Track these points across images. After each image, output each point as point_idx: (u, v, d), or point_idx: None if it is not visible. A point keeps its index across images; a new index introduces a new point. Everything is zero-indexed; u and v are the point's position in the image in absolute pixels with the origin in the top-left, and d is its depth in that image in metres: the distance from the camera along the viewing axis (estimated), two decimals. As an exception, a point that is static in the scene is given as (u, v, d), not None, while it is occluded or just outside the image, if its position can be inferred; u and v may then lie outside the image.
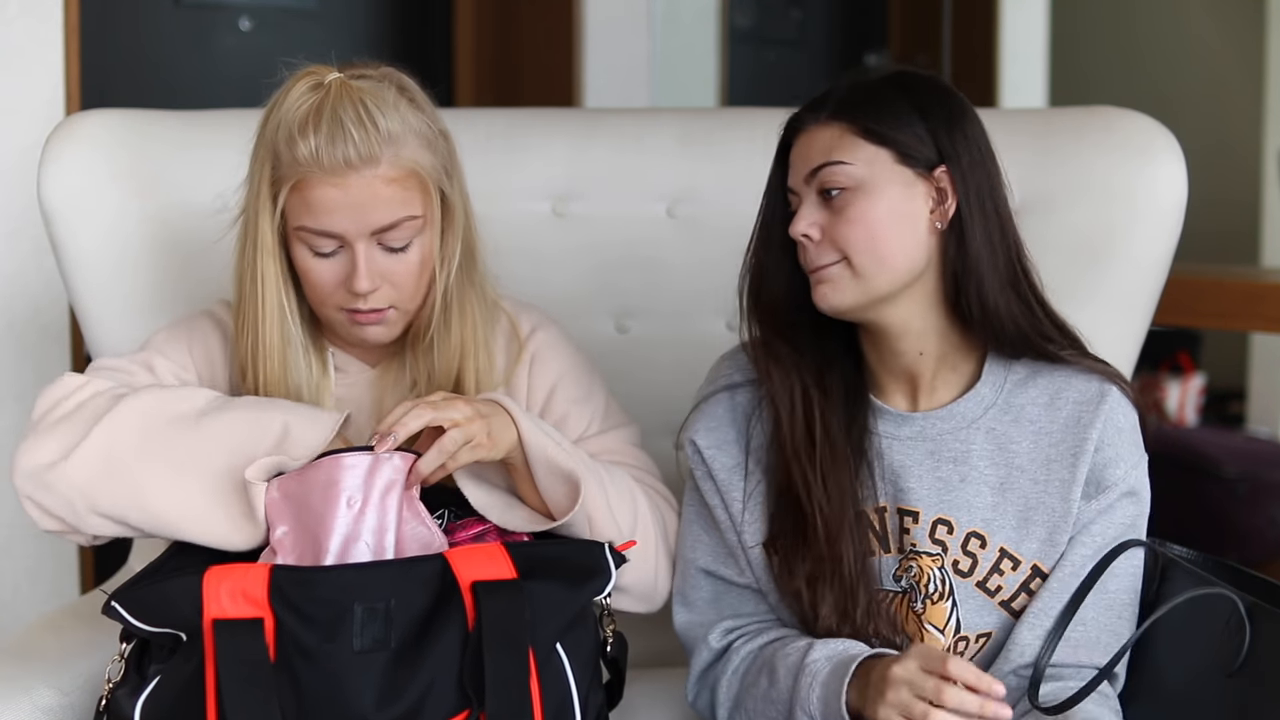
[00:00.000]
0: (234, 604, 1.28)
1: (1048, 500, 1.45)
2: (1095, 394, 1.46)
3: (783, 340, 1.50)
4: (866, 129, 1.42)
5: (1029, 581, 1.45)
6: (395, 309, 1.53)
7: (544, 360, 1.65)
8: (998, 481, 1.46)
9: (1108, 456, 1.45)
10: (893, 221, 1.41)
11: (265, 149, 1.49)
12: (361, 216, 1.47)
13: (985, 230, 1.42)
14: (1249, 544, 3.20)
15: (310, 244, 1.49)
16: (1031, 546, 1.45)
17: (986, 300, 1.43)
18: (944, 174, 1.42)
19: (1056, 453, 1.45)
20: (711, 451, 1.54)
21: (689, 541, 1.57)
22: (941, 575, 1.46)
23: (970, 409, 1.47)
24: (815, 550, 1.46)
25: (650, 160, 1.94)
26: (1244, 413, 4.75)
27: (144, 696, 1.32)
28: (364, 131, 1.45)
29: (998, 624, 1.47)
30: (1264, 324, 2.89)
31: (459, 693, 1.31)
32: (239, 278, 1.55)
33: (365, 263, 1.48)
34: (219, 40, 3.15)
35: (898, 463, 1.48)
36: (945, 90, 1.47)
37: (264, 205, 1.50)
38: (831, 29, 4.95)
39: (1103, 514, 1.46)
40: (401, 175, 1.47)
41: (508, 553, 1.36)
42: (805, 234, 1.43)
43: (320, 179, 1.45)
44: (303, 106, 1.46)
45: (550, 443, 1.48)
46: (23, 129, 2.31)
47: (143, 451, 1.42)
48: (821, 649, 1.42)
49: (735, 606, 1.54)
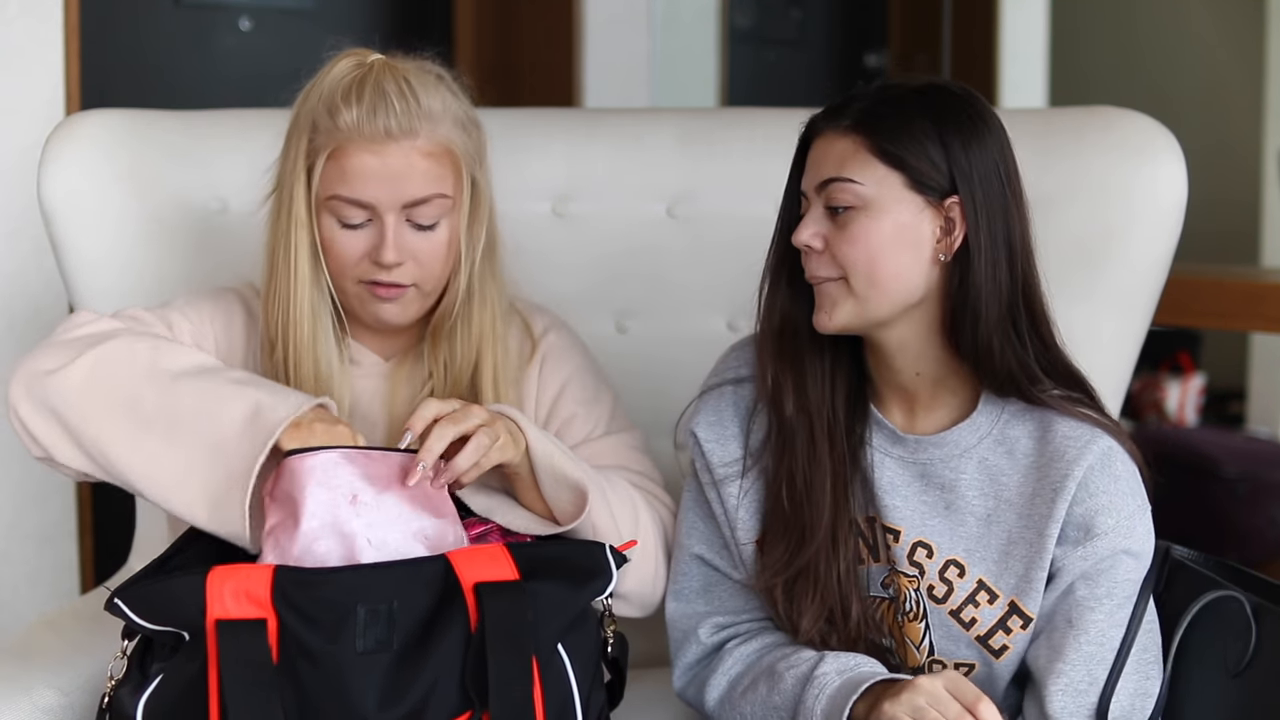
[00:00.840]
0: (237, 604, 1.28)
1: (1027, 535, 1.42)
2: (1085, 435, 1.41)
3: (791, 342, 1.49)
4: (882, 149, 1.38)
5: (1007, 619, 1.43)
6: (416, 288, 1.54)
7: (555, 361, 1.66)
8: (985, 513, 1.44)
9: (1099, 503, 1.40)
10: (894, 246, 1.39)
11: (305, 120, 1.52)
12: (396, 187, 1.49)
13: (992, 266, 1.38)
14: (1249, 544, 3.20)
15: (340, 214, 1.51)
16: (1009, 581, 1.42)
17: (980, 337, 1.39)
18: (955, 204, 1.39)
19: (1040, 488, 1.42)
20: (710, 445, 1.53)
21: (685, 527, 1.57)
22: (916, 597, 1.45)
23: (965, 437, 1.45)
24: (803, 552, 1.45)
25: (650, 160, 1.94)
26: (1244, 413, 4.75)
27: (146, 695, 1.31)
28: (405, 104, 1.49)
29: (979, 659, 1.44)
30: (1264, 324, 2.89)
31: (461, 694, 1.31)
32: (270, 250, 1.56)
33: (393, 235, 1.50)
34: (219, 40, 3.15)
35: (886, 480, 1.47)
36: (975, 115, 1.41)
37: (299, 177, 1.52)
38: (831, 29, 4.95)
39: (1104, 573, 1.40)
40: (438, 151, 1.51)
41: (510, 554, 1.36)
42: (808, 244, 1.42)
43: (359, 146, 1.49)
44: (345, 79, 1.51)
45: (556, 451, 1.48)
46: (23, 129, 2.31)
47: (114, 394, 1.42)
48: (833, 662, 1.41)
49: (725, 600, 1.54)
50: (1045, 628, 1.42)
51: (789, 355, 1.48)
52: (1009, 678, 1.45)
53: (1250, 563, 1.67)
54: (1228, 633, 1.39)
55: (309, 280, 1.54)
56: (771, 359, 1.49)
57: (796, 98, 2.28)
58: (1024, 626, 1.42)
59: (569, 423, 1.64)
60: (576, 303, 1.88)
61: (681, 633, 1.55)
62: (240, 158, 1.87)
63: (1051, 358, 1.43)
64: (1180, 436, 3.78)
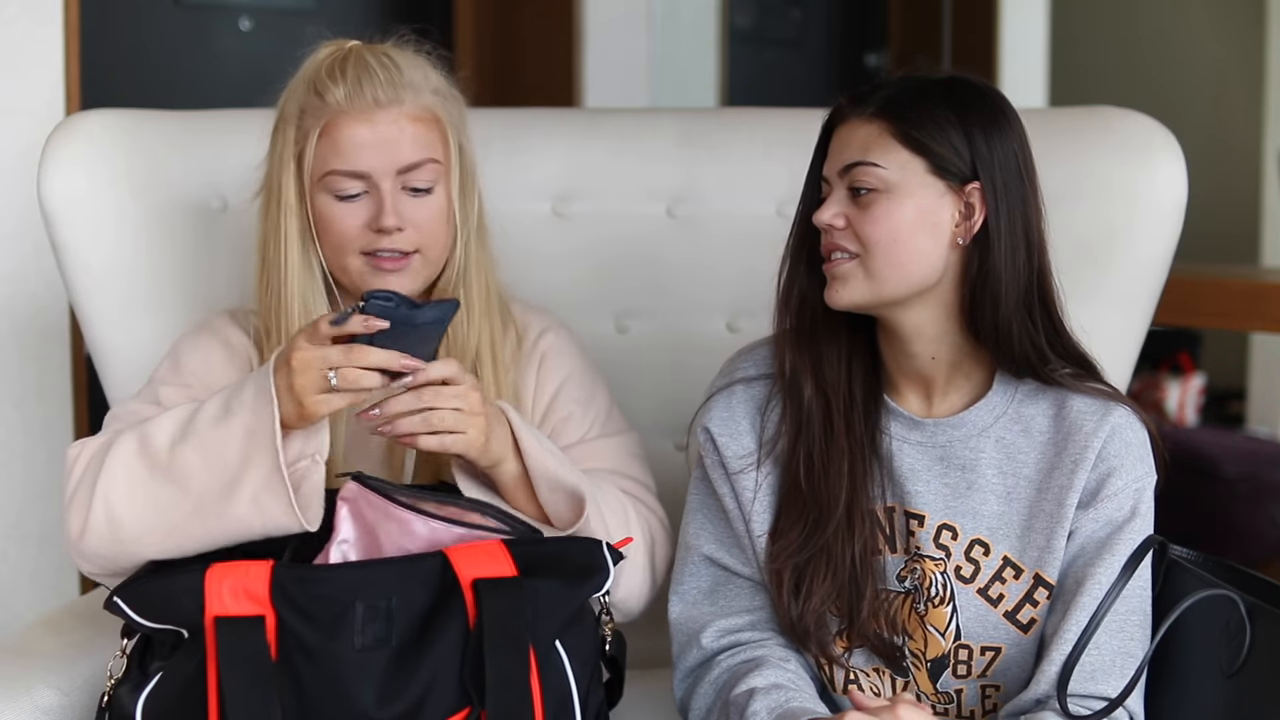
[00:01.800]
0: (236, 601, 1.29)
1: (1046, 507, 1.45)
2: (1100, 408, 1.45)
3: (809, 332, 1.50)
4: (906, 134, 1.41)
5: (1033, 591, 1.45)
6: (420, 255, 1.56)
7: (553, 361, 1.67)
8: (1004, 491, 1.46)
9: (1111, 466, 1.44)
10: (915, 228, 1.41)
11: (291, 111, 1.56)
12: (389, 153, 1.53)
13: (1010, 251, 1.42)
14: (1249, 544, 3.20)
15: (336, 189, 1.54)
16: (1032, 554, 1.45)
17: (999, 321, 1.43)
18: (975, 190, 1.42)
19: (1059, 461, 1.45)
20: (725, 439, 1.54)
21: (692, 529, 1.57)
22: (944, 580, 1.47)
23: (981, 417, 1.48)
24: (820, 533, 1.46)
25: (650, 160, 1.94)
26: (1244, 413, 4.75)
27: (146, 693, 1.32)
28: (389, 74, 1.54)
29: (1006, 639, 1.46)
30: (1264, 324, 2.89)
31: (460, 691, 1.31)
32: (262, 240, 1.59)
33: (391, 201, 1.53)
34: (219, 40, 3.16)
35: (906, 465, 1.48)
36: (997, 106, 1.45)
37: (287, 164, 1.55)
38: (831, 29, 4.96)
39: (1111, 534, 1.43)
40: (425, 117, 1.56)
41: (508, 550, 1.36)
42: (830, 223, 1.44)
43: (350, 118, 1.53)
44: (327, 61, 1.56)
45: (551, 460, 1.48)
46: (23, 129, 2.31)
47: (134, 518, 1.40)
48: (763, 700, 1.42)
49: (733, 601, 1.54)
50: (1057, 591, 1.45)
51: (806, 338, 1.50)
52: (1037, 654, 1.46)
53: (1250, 563, 1.67)
54: (1222, 633, 1.39)
55: (299, 265, 1.56)
56: (789, 342, 1.51)
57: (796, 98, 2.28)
58: (1049, 597, 1.45)
59: (565, 422, 1.64)
60: (576, 303, 1.88)
61: (686, 636, 1.55)
62: (240, 158, 1.87)
63: (1063, 341, 1.47)
64: (1180, 436, 3.78)
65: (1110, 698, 1.40)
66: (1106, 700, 1.40)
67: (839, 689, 1.51)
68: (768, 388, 1.54)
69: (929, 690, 1.49)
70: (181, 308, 1.82)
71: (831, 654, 1.49)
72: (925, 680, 1.48)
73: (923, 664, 1.48)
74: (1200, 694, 1.42)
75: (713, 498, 1.56)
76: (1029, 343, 1.44)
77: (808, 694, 1.46)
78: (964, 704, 1.49)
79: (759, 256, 1.61)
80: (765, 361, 1.55)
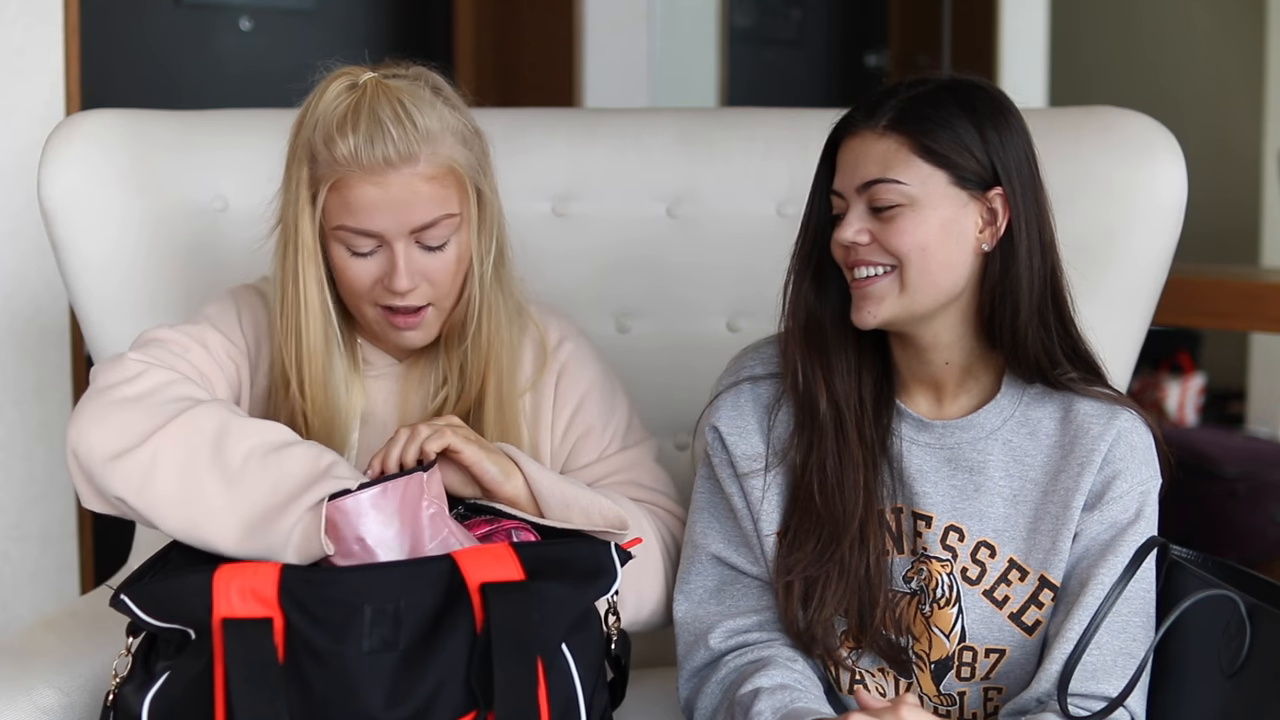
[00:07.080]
0: (244, 603, 1.28)
1: (1052, 509, 1.45)
2: (1107, 411, 1.46)
3: (818, 338, 1.50)
4: (925, 147, 1.40)
5: (1038, 593, 1.45)
6: (433, 307, 1.54)
7: (572, 373, 1.66)
8: (1011, 493, 1.47)
9: (1117, 469, 1.44)
10: (942, 239, 1.41)
11: (302, 150, 1.50)
12: (401, 215, 1.48)
13: (1029, 254, 1.42)
14: (1249, 544, 3.20)
15: (349, 243, 1.50)
16: (1038, 557, 1.45)
17: (1018, 325, 1.43)
18: (998, 196, 1.42)
19: (1065, 464, 1.45)
20: (733, 438, 1.53)
21: (699, 528, 1.56)
22: (950, 581, 1.47)
23: (989, 420, 1.48)
24: (836, 547, 1.46)
25: (650, 160, 1.94)
26: (1244, 413, 4.75)
27: (152, 693, 1.31)
28: (402, 130, 1.46)
29: (1011, 641, 1.46)
30: (1264, 324, 2.89)
31: (467, 693, 1.31)
32: (280, 283, 1.54)
33: (404, 262, 1.49)
34: (219, 40, 3.16)
35: (915, 467, 1.48)
36: (1004, 108, 1.45)
37: (303, 208, 1.50)
38: (831, 29, 4.96)
39: (1115, 536, 1.44)
40: (440, 173, 1.49)
41: (515, 553, 1.36)
42: (853, 240, 1.42)
43: (360, 178, 1.47)
44: (340, 106, 1.47)
45: (561, 482, 1.50)
46: (23, 129, 2.32)
47: (183, 494, 1.39)
48: (768, 700, 1.42)
49: (739, 600, 1.53)
50: (1061, 592, 1.45)
51: (816, 351, 1.50)
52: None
53: (1250, 563, 1.67)
54: (1222, 633, 1.39)
55: (320, 313, 1.53)
56: (799, 355, 1.50)
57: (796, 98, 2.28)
58: (1054, 599, 1.45)
59: (585, 437, 1.64)
60: (577, 303, 1.88)
61: (693, 636, 1.54)
62: (240, 158, 1.87)
63: (1074, 344, 1.47)
64: (1180, 436, 3.78)
65: (1111, 697, 1.40)
66: (1107, 700, 1.40)
67: (844, 689, 1.51)
68: (775, 387, 1.53)
69: (932, 692, 1.49)
70: (181, 308, 1.82)
71: (838, 657, 1.49)
72: (928, 682, 1.48)
73: (926, 665, 1.48)
74: (1200, 694, 1.42)
75: (720, 496, 1.55)
76: (1041, 347, 1.44)
77: (814, 694, 1.46)
78: (966, 706, 1.49)
79: (759, 256, 1.61)
80: (772, 360, 1.55)
